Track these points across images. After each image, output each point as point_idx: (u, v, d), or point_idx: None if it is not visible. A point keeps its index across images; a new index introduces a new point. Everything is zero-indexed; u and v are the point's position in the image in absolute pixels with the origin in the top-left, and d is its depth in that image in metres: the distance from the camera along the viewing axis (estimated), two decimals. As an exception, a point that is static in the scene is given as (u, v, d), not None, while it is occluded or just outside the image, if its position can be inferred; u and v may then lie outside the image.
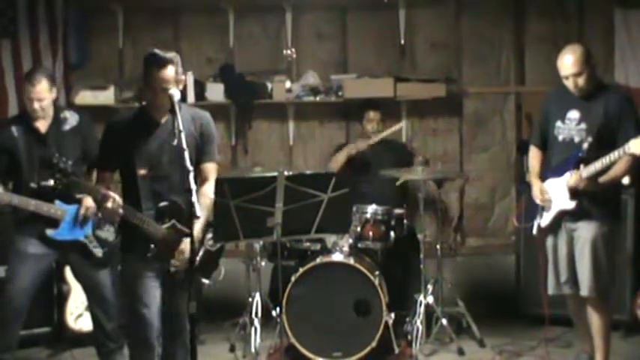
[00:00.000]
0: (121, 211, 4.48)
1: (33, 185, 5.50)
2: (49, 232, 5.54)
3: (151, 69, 4.48)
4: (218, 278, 5.02)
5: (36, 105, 5.54)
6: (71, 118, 5.69)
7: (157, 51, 4.53)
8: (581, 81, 5.34)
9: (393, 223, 6.58)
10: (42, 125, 5.60)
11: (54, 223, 5.56)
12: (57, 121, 5.64)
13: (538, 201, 5.58)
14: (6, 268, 5.76)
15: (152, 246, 4.54)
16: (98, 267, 5.70)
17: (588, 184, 5.27)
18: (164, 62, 4.47)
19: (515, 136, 7.98)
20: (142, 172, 4.55)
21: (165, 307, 4.64)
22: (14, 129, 5.61)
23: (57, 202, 5.54)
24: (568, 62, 5.36)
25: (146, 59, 4.53)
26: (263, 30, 8.19)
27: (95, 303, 5.76)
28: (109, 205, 4.46)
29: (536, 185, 5.63)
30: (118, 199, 4.48)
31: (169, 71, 4.48)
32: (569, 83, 5.39)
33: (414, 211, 6.89)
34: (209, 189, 4.64)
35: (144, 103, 4.72)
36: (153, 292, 4.60)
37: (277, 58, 8.09)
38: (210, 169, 4.78)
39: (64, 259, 5.84)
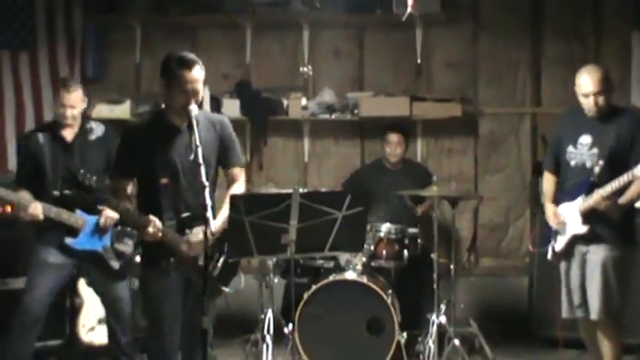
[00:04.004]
0: (160, 234, 4.39)
1: (55, 193, 5.55)
2: (68, 240, 5.61)
3: (180, 71, 4.38)
4: (239, 287, 4.99)
5: (68, 112, 5.64)
6: (97, 129, 5.78)
7: (182, 53, 4.49)
8: (601, 100, 5.31)
9: (406, 242, 6.56)
10: (68, 134, 5.69)
11: (74, 232, 5.60)
12: (83, 130, 5.72)
13: (552, 224, 5.56)
14: (24, 279, 5.81)
15: (172, 259, 4.47)
16: (115, 279, 5.74)
17: (609, 205, 5.23)
18: (193, 63, 4.42)
19: (531, 158, 7.96)
20: (165, 180, 4.44)
21: (186, 319, 4.55)
22: (41, 136, 5.71)
23: (78, 211, 5.59)
24: (591, 80, 5.32)
25: (172, 61, 4.42)
26: (280, 47, 8.22)
27: (111, 315, 5.80)
28: (151, 229, 4.37)
29: (549, 209, 5.61)
30: (159, 222, 4.38)
31: (199, 70, 4.43)
32: (589, 102, 5.34)
33: (427, 231, 6.86)
34: (239, 189, 4.68)
35: (162, 106, 4.62)
36: (176, 311, 4.53)
37: (294, 75, 8.11)
38: (238, 172, 4.75)
39: (81, 269, 5.87)
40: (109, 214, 5.61)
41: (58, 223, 5.57)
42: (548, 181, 5.74)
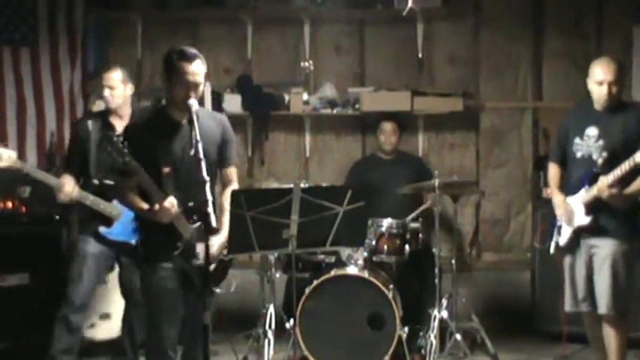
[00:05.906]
0: (174, 210, 4.38)
1: (95, 182, 5.56)
2: (102, 230, 5.64)
3: (181, 63, 4.40)
4: (230, 289, 4.98)
5: (106, 92, 5.70)
6: None
7: (184, 47, 4.50)
8: (614, 89, 5.31)
9: (408, 236, 6.56)
10: (119, 124, 5.68)
11: (111, 222, 5.63)
12: None
13: (559, 214, 5.54)
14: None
15: (179, 244, 4.44)
16: None
17: (613, 194, 5.20)
18: (194, 56, 4.44)
19: (532, 152, 7.95)
20: (167, 169, 4.43)
21: (187, 313, 4.55)
22: (90, 122, 5.75)
23: (114, 202, 5.57)
24: (608, 68, 5.32)
25: (174, 54, 4.45)
26: (281, 42, 8.21)
27: (134, 309, 5.81)
28: (167, 204, 4.35)
29: (557, 198, 5.60)
30: (175, 200, 4.38)
31: (200, 65, 4.45)
32: (602, 90, 5.34)
33: (429, 226, 6.87)
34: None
35: (163, 102, 4.65)
36: (175, 306, 4.52)
37: (295, 70, 8.11)
38: (232, 172, 4.78)
39: (117, 260, 5.89)
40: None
41: (95, 212, 5.60)
42: (553, 172, 5.74)
